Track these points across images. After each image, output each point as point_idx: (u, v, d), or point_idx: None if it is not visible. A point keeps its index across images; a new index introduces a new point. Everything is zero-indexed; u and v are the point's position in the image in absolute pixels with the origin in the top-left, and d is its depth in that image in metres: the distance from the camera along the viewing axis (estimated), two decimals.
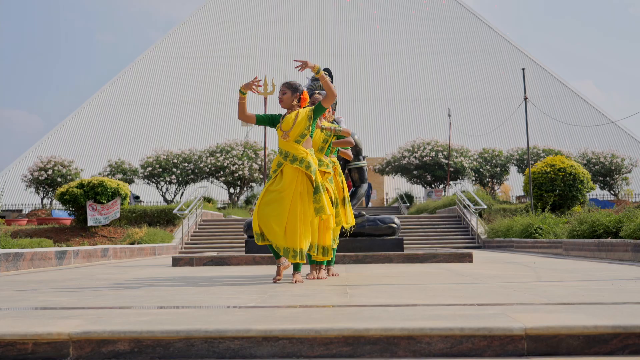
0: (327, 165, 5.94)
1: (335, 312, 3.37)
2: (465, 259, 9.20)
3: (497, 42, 53.92)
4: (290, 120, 5.59)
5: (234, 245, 18.50)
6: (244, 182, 29.50)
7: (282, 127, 5.57)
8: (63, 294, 4.69)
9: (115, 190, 18.86)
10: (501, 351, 2.76)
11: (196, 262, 9.25)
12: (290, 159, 5.50)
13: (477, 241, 19.41)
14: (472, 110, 48.92)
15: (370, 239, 9.51)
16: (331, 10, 57.24)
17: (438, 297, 4.09)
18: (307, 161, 5.50)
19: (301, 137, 5.56)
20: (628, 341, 2.76)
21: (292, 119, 5.59)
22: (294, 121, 5.57)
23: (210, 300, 4.13)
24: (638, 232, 9.95)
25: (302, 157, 5.50)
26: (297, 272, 5.57)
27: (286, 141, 5.54)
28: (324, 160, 5.94)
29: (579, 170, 20.03)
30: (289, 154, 5.53)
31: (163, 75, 51.94)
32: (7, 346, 2.80)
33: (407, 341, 2.78)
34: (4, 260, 8.39)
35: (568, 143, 43.17)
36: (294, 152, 5.51)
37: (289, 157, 5.52)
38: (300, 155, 5.51)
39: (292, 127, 5.54)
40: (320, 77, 5.52)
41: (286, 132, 5.54)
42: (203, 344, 2.79)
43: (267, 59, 53.30)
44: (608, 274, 6.27)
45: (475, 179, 32.51)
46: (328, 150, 6.05)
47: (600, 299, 3.84)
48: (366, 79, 52.04)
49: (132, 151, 43.74)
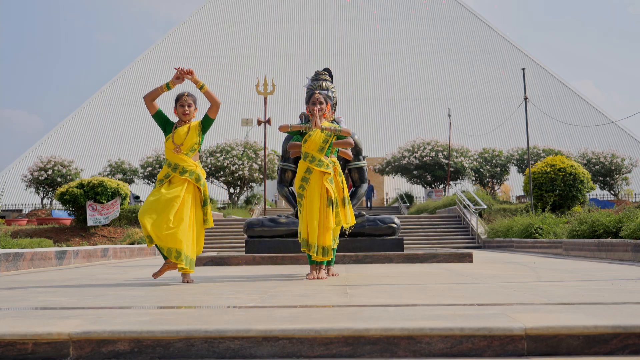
0: (327, 166, 5.89)
1: (335, 312, 3.37)
2: (465, 259, 9.20)
3: (497, 42, 53.92)
4: (182, 134, 5.58)
5: (234, 245, 18.50)
6: (244, 182, 29.50)
7: (173, 139, 5.57)
8: (63, 294, 4.69)
9: (115, 190, 18.87)
10: (501, 351, 2.76)
11: (196, 262, 9.24)
12: (180, 171, 5.52)
13: (477, 241, 19.41)
14: (472, 110, 48.92)
15: (370, 239, 9.51)
16: (331, 10, 57.24)
17: (438, 297, 4.09)
18: (197, 173, 5.57)
19: (191, 150, 5.60)
20: (628, 341, 2.76)
21: (185, 132, 5.59)
22: (186, 135, 5.59)
23: (210, 300, 4.13)
24: (638, 232, 9.95)
25: (191, 169, 5.55)
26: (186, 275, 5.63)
27: (177, 154, 5.55)
28: (324, 160, 5.89)
29: (579, 170, 20.03)
30: (178, 166, 5.54)
31: (163, 75, 51.94)
32: (7, 346, 2.80)
33: (407, 341, 2.78)
34: (4, 260, 8.39)
35: (568, 143, 43.17)
36: (183, 164, 5.54)
37: (178, 169, 5.53)
38: (189, 167, 5.55)
39: (184, 141, 5.56)
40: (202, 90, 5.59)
41: (178, 145, 5.55)
42: (203, 344, 2.79)
43: (267, 59, 53.30)
44: (608, 274, 6.27)
45: (475, 179, 32.51)
46: (328, 151, 6.00)
47: (600, 299, 3.84)
48: (366, 78, 52.04)
49: (132, 151, 43.74)
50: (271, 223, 9.54)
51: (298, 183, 5.93)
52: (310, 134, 5.92)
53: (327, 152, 5.97)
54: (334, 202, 5.89)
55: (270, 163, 29.19)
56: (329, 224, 5.81)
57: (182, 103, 5.65)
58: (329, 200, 5.84)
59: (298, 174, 5.96)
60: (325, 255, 5.84)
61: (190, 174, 5.53)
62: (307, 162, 5.88)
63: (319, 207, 5.81)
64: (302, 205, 5.91)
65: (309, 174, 5.87)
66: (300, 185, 5.90)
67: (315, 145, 5.90)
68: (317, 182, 5.85)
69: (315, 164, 5.85)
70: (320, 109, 6.04)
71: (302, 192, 5.89)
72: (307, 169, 5.88)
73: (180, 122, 5.66)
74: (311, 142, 5.90)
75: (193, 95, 5.73)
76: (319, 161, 5.87)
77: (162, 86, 5.60)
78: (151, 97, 5.62)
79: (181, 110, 5.64)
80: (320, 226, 5.80)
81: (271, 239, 9.52)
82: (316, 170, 5.85)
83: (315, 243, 5.76)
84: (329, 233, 5.85)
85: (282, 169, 9.53)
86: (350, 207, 6.12)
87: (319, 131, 5.94)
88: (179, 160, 5.55)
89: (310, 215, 5.81)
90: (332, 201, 5.86)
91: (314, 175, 5.86)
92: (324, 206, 5.83)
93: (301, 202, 5.91)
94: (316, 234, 5.77)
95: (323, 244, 5.82)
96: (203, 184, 5.60)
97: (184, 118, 5.64)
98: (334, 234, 5.96)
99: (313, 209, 5.80)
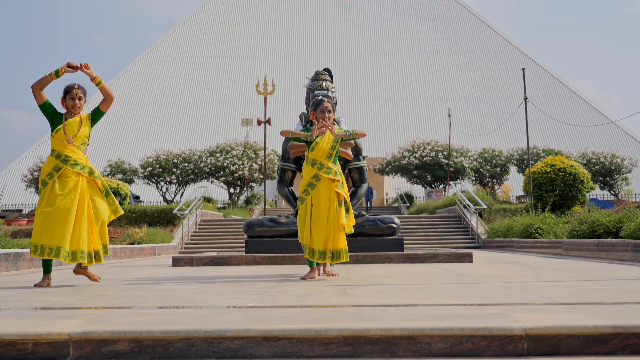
0: (335, 173, 5.81)
1: (335, 312, 3.37)
2: (465, 259, 9.20)
3: (497, 42, 53.93)
4: (75, 125, 5.46)
5: (234, 245, 18.50)
6: (244, 182, 29.50)
7: (65, 131, 5.43)
8: (63, 294, 4.69)
9: (115, 190, 18.87)
10: (501, 351, 2.76)
11: (196, 262, 9.24)
12: (72, 163, 5.37)
13: (477, 241, 19.41)
14: (472, 110, 48.93)
15: (370, 239, 9.50)
16: (331, 10, 57.25)
17: (438, 297, 4.09)
18: (90, 167, 5.46)
19: (82, 144, 5.50)
20: (628, 341, 2.76)
21: (77, 124, 5.48)
22: (79, 127, 5.47)
23: (210, 300, 4.13)
24: (638, 232, 9.95)
25: (83, 163, 5.43)
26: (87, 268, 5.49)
27: (69, 145, 5.42)
28: (332, 167, 5.81)
29: (579, 170, 20.03)
30: (69, 157, 5.38)
31: (163, 75, 51.95)
32: (7, 346, 2.80)
33: (407, 341, 2.78)
34: (4, 260, 8.39)
35: (568, 143, 43.17)
36: (75, 157, 5.41)
37: (69, 161, 5.38)
38: (81, 161, 5.43)
39: (77, 133, 5.44)
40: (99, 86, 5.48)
41: (71, 137, 5.42)
42: (203, 344, 2.79)
43: (267, 59, 53.30)
44: (608, 274, 6.27)
45: (475, 179, 32.52)
46: (336, 158, 5.93)
47: (600, 299, 3.84)
48: (366, 78, 52.04)
49: (132, 151, 43.74)
50: (271, 223, 9.54)
51: (303, 187, 5.84)
52: (317, 141, 5.83)
53: (334, 159, 5.90)
54: (347, 206, 5.88)
55: (270, 163, 29.20)
56: (342, 221, 5.74)
57: (72, 96, 5.48)
58: (340, 202, 5.78)
59: (304, 178, 5.87)
60: (337, 259, 5.75)
61: (83, 167, 5.39)
62: (315, 169, 5.79)
63: (327, 213, 5.72)
64: (302, 209, 5.83)
65: (316, 180, 5.78)
66: (305, 190, 5.81)
67: (324, 152, 5.82)
68: (326, 189, 5.76)
69: (323, 171, 5.77)
70: (330, 118, 5.94)
71: (305, 196, 5.80)
72: (314, 175, 5.79)
73: (70, 114, 5.52)
74: (319, 150, 5.81)
75: (83, 87, 5.57)
76: (327, 168, 5.79)
77: (50, 74, 5.40)
78: (40, 85, 5.43)
79: (71, 103, 5.48)
80: (332, 230, 5.71)
81: (271, 239, 9.52)
82: (324, 178, 5.77)
83: (320, 249, 5.69)
84: (342, 234, 5.78)
85: (282, 169, 9.53)
86: (350, 210, 6.10)
87: (326, 138, 5.85)
88: (70, 152, 5.40)
89: (317, 222, 5.71)
90: (346, 205, 5.85)
91: (322, 182, 5.77)
92: (334, 209, 5.74)
93: (300, 206, 5.86)
94: (323, 240, 5.69)
95: (335, 247, 5.74)
96: (98, 176, 5.47)
97: (74, 111, 5.50)
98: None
99: (320, 216, 5.70)
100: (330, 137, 5.86)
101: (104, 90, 5.52)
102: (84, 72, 5.46)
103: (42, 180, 5.41)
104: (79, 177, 5.38)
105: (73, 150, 5.42)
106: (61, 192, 5.30)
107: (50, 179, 5.37)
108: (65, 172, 5.37)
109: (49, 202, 5.29)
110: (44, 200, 5.31)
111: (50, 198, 5.30)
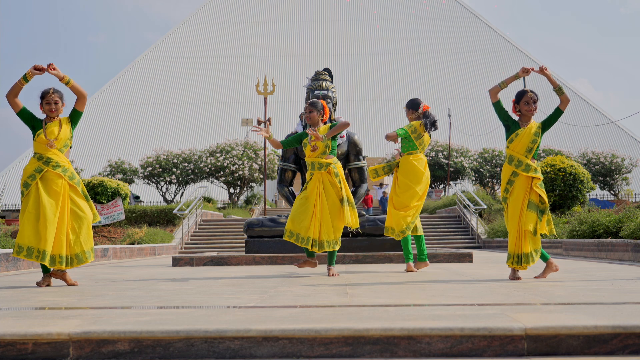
0: (335, 174, 6.27)
1: (335, 312, 3.37)
2: (465, 259, 9.20)
3: (496, 42, 53.94)
4: (55, 129, 5.45)
5: (234, 245, 18.49)
6: (244, 182, 29.49)
7: (46, 134, 5.40)
8: (63, 294, 4.69)
9: (115, 190, 18.84)
10: (501, 351, 2.76)
11: (196, 262, 9.24)
12: (54, 165, 5.35)
13: (477, 241, 19.41)
14: (472, 110, 48.95)
15: (370, 239, 9.51)
16: (331, 10, 57.24)
17: (438, 297, 4.09)
18: (71, 171, 5.45)
19: (65, 146, 5.50)
20: (628, 341, 2.76)
21: (57, 127, 5.47)
22: (59, 129, 5.46)
23: (210, 300, 4.13)
24: (638, 232, 9.95)
25: (65, 165, 5.42)
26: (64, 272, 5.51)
27: (51, 149, 5.39)
28: (323, 162, 6.34)
29: (579, 170, 20.02)
30: (51, 159, 5.36)
31: (163, 75, 51.95)
32: (7, 346, 2.80)
33: (407, 341, 2.78)
34: (4, 260, 8.39)
35: (568, 143, 43.16)
36: (57, 159, 5.39)
37: (51, 162, 5.36)
38: (63, 163, 5.42)
39: (58, 136, 5.44)
40: (68, 85, 5.47)
41: (52, 140, 5.40)
42: (203, 344, 2.79)
43: (267, 59, 53.29)
44: (608, 274, 6.27)
45: (475, 179, 32.51)
46: (332, 151, 6.39)
47: (600, 299, 3.84)
48: (366, 78, 52.05)
49: (132, 151, 43.73)
50: (271, 223, 9.54)
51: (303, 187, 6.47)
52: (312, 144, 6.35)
53: (331, 152, 6.40)
54: (349, 201, 6.26)
55: (270, 163, 29.19)
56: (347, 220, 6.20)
57: (48, 100, 5.47)
58: (342, 200, 6.21)
59: (307, 177, 6.45)
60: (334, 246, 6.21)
61: (64, 170, 5.38)
62: (315, 169, 6.33)
63: (320, 203, 6.22)
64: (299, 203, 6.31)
65: (310, 176, 6.38)
66: (304, 187, 6.40)
67: (321, 151, 6.34)
68: (316, 181, 6.30)
69: (316, 167, 6.34)
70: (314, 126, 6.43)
71: (302, 192, 6.36)
72: (311, 173, 6.37)
73: (49, 118, 5.51)
74: (314, 153, 6.34)
75: (59, 91, 5.55)
76: (319, 164, 6.33)
77: (20, 80, 5.38)
78: (12, 93, 5.42)
79: (47, 107, 5.46)
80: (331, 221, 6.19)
81: (271, 239, 9.52)
82: (317, 173, 6.32)
83: (316, 238, 6.16)
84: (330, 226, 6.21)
85: (282, 169, 9.53)
86: (353, 208, 6.32)
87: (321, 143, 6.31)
88: (52, 154, 5.39)
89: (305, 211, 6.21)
90: (346, 199, 6.23)
91: (315, 176, 6.33)
92: (332, 203, 6.23)
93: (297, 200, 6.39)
94: (318, 229, 6.16)
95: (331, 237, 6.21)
96: (78, 182, 5.47)
97: (52, 114, 5.48)
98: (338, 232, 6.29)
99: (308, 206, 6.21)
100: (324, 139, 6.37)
101: (75, 89, 5.52)
102: (50, 73, 5.42)
103: (24, 182, 5.39)
104: (62, 181, 5.38)
105: (55, 153, 5.42)
106: (46, 195, 5.31)
107: (33, 180, 5.36)
108: (47, 174, 5.37)
109: (35, 204, 5.29)
110: (30, 202, 5.31)
111: (36, 200, 5.31)
